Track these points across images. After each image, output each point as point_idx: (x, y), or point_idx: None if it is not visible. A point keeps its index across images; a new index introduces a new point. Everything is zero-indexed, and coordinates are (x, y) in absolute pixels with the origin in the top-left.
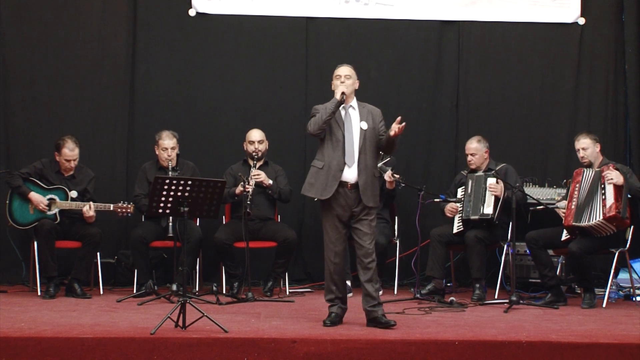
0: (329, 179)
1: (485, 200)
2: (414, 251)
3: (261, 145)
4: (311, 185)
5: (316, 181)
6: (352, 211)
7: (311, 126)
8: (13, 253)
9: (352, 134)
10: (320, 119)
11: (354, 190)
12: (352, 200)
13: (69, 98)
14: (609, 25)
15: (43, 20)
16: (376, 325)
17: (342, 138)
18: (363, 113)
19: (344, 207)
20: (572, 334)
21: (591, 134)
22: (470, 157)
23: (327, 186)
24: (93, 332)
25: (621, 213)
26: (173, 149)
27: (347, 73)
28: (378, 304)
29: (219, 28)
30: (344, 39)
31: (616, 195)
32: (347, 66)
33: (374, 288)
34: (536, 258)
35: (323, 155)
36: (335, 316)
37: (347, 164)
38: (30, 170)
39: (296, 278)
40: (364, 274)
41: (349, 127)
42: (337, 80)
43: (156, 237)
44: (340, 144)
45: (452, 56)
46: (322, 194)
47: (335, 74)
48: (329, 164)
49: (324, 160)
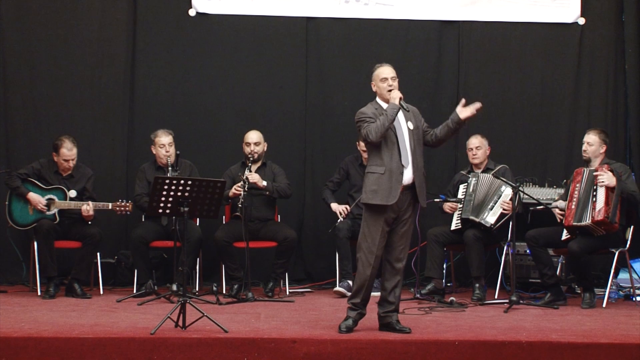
0: (393, 183)
1: (493, 208)
2: (413, 251)
3: (258, 147)
4: (374, 192)
5: (379, 187)
6: (399, 213)
7: (372, 134)
8: (13, 253)
9: (403, 135)
10: (382, 126)
11: (406, 192)
12: (402, 202)
13: (68, 98)
14: (609, 25)
15: (43, 20)
16: (390, 331)
17: (396, 140)
18: (407, 113)
19: (394, 210)
20: (572, 334)
21: (602, 134)
22: (475, 150)
23: (392, 190)
24: (93, 332)
25: (610, 218)
26: (170, 145)
27: (394, 75)
28: (394, 310)
29: (219, 28)
30: (344, 39)
31: (607, 198)
32: (390, 67)
33: (396, 296)
34: (536, 257)
35: (382, 160)
36: (353, 322)
37: (404, 166)
38: (29, 171)
39: (296, 278)
40: (392, 279)
41: (399, 129)
42: (384, 83)
43: (156, 237)
44: (395, 147)
45: (452, 56)
46: (388, 200)
47: (381, 76)
48: (390, 168)
49: (383, 165)
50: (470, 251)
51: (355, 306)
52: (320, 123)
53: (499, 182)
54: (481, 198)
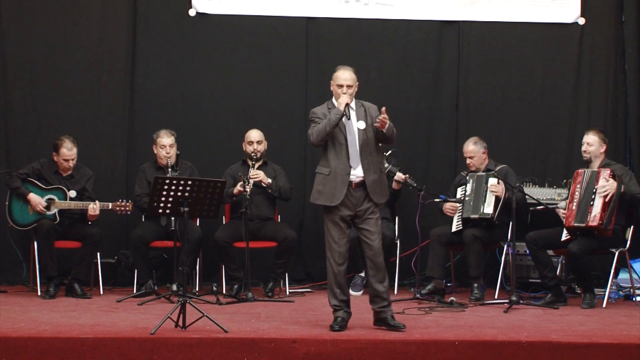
0: (337, 184)
1: (485, 200)
2: (414, 251)
3: (260, 146)
4: (320, 192)
5: (324, 188)
6: (356, 210)
7: (313, 136)
8: (13, 253)
9: (354, 136)
10: (323, 130)
11: (359, 189)
12: (356, 199)
13: (69, 98)
14: (609, 25)
15: (43, 20)
16: (384, 327)
17: (345, 141)
18: (360, 112)
19: (349, 207)
20: (572, 334)
21: (601, 134)
22: (468, 159)
23: (337, 191)
24: (93, 332)
25: (604, 224)
26: (171, 147)
27: (350, 82)
28: (388, 304)
29: (219, 28)
30: (344, 39)
31: (604, 205)
32: (348, 71)
33: (384, 289)
34: (536, 259)
35: (328, 161)
36: (342, 320)
37: (352, 167)
38: (29, 171)
39: (296, 278)
40: (375, 274)
41: (351, 129)
42: (339, 89)
43: (156, 237)
44: (344, 148)
45: (452, 56)
46: (332, 201)
47: (337, 82)
48: (335, 170)
49: (329, 166)
50: (468, 251)
51: (337, 307)
52: None
53: (485, 176)
54: (476, 195)
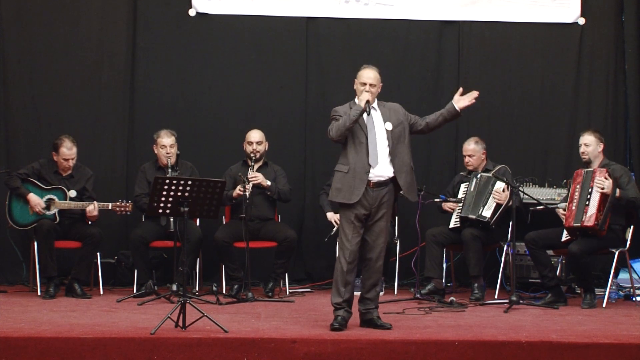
0: (356, 182)
1: (487, 202)
2: (413, 251)
3: (260, 146)
4: (338, 190)
5: (343, 185)
6: (371, 209)
7: (332, 132)
8: (13, 253)
9: (375, 136)
10: (342, 126)
11: (376, 189)
12: (373, 199)
13: (69, 98)
14: (609, 25)
15: (43, 20)
16: (371, 327)
17: (365, 140)
18: (385, 113)
19: (364, 207)
20: (572, 334)
21: (597, 133)
22: (467, 158)
23: (355, 189)
24: (93, 332)
25: (599, 225)
26: (172, 147)
27: (373, 81)
28: (375, 307)
29: (219, 28)
30: (344, 39)
31: (600, 205)
32: (373, 71)
33: (376, 292)
34: (536, 259)
35: (347, 159)
36: (342, 319)
37: (371, 165)
38: (29, 171)
39: (296, 278)
40: (372, 277)
41: (372, 129)
42: (362, 87)
43: (156, 237)
44: (364, 147)
45: (452, 56)
46: (350, 198)
47: (361, 80)
48: (354, 168)
49: (348, 164)
50: (468, 250)
51: (339, 305)
52: (320, 123)
53: (494, 178)
54: (478, 196)
